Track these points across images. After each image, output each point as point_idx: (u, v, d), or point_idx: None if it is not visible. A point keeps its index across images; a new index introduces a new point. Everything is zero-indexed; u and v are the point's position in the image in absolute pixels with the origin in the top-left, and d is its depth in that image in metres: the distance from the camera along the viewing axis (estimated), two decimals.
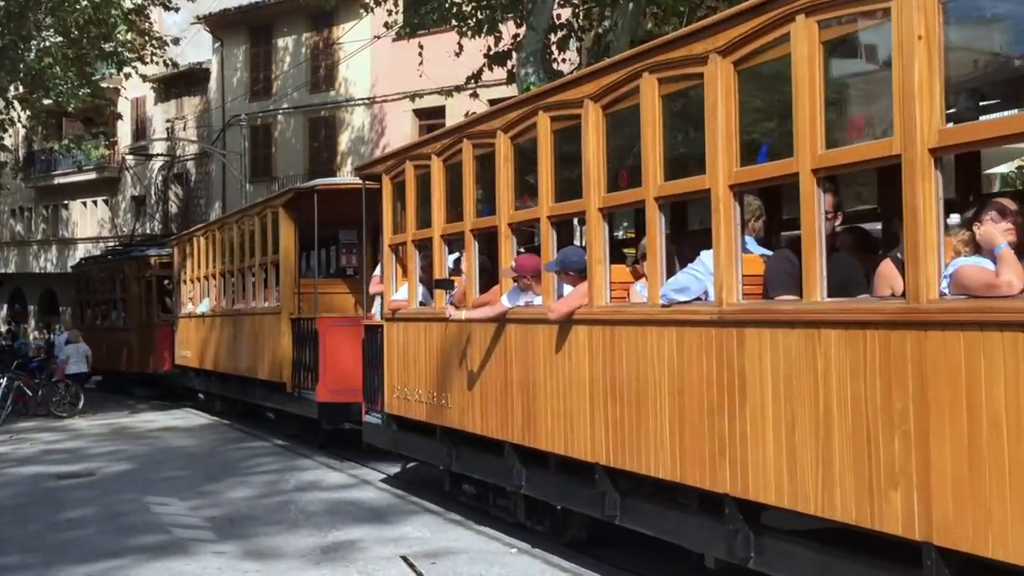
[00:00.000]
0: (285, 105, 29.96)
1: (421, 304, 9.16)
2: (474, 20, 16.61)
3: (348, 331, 11.62)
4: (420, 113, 24.77)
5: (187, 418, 18.18)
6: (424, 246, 8.95)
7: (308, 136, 29.61)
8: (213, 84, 32.57)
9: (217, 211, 29.73)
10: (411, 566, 7.08)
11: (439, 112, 22.90)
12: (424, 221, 8.91)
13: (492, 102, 21.26)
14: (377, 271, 10.29)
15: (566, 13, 16.66)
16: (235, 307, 15.80)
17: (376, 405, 10.04)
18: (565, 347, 6.71)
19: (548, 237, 7.00)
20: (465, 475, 8.51)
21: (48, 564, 7.31)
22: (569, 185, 6.82)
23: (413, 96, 19.88)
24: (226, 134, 30.88)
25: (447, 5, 16.58)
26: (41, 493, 10.49)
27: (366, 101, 27.94)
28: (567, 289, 6.87)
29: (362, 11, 19.35)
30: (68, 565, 7.27)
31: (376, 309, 10.29)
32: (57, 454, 13.53)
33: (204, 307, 17.80)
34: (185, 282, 19.50)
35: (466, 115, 17.78)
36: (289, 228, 13.48)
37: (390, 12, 17.88)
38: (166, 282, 22.27)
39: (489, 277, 8.13)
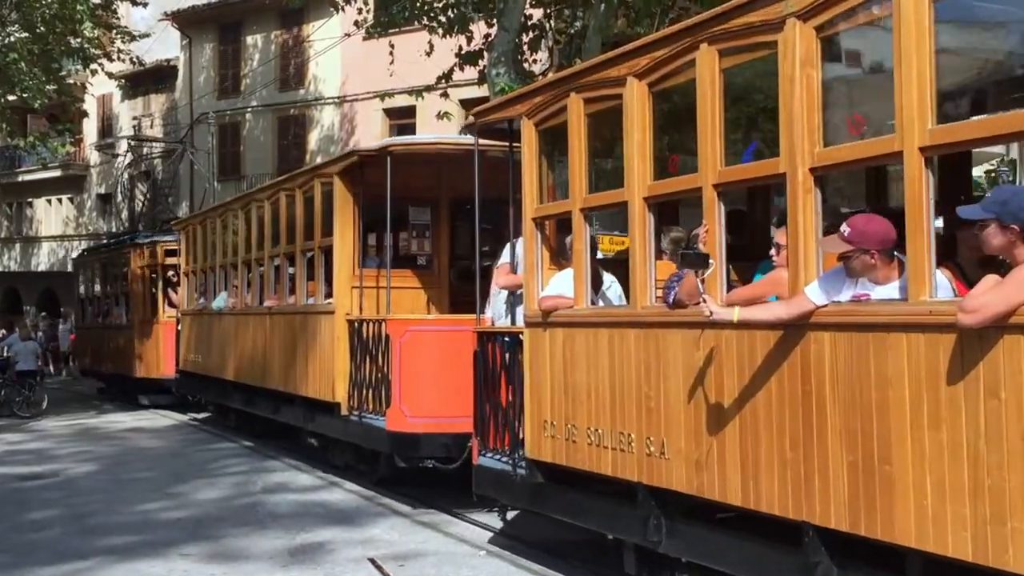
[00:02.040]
0: (254, 103, 29.89)
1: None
2: (445, 19, 16.67)
3: (436, 339, 9.28)
4: (391, 112, 24.79)
5: (154, 419, 18.07)
6: (599, 218, 7.11)
7: (277, 134, 29.56)
8: (181, 81, 32.44)
9: (185, 210, 29.56)
10: (379, 568, 7.14)
11: (410, 112, 22.94)
12: (606, 179, 6.69)
13: (463, 102, 21.42)
14: (505, 257, 7.88)
15: (538, 13, 16.74)
16: (265, 304, 12.89)
17: (499, 444, 7.45)
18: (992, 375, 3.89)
19: None
20: (688, 562, 5.72)
21: (13, 566, 7.31)
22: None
23: (383, 95, 19.89)
24: (194, 132, 30.73)
25: (418, 4, 16.63)
26: (5, 494, 10.46)
27: (336, 100, 27.92)
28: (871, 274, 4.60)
29: (332, 9, 19.34)
30: (33, 567, 7.26)
31: (498, 310, 8.03)
32: (21, 455, 13.46)
33: (220, 302, 14.90)
34: (195, 272, 16.77)
35: (437, 116, 18.07)
36: (347, 203, 10.40)
37: (360, 11, 17.90)
38: (171, 274, 19.43)
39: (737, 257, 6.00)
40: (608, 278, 6.72)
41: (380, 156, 9.71)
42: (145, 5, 24.28)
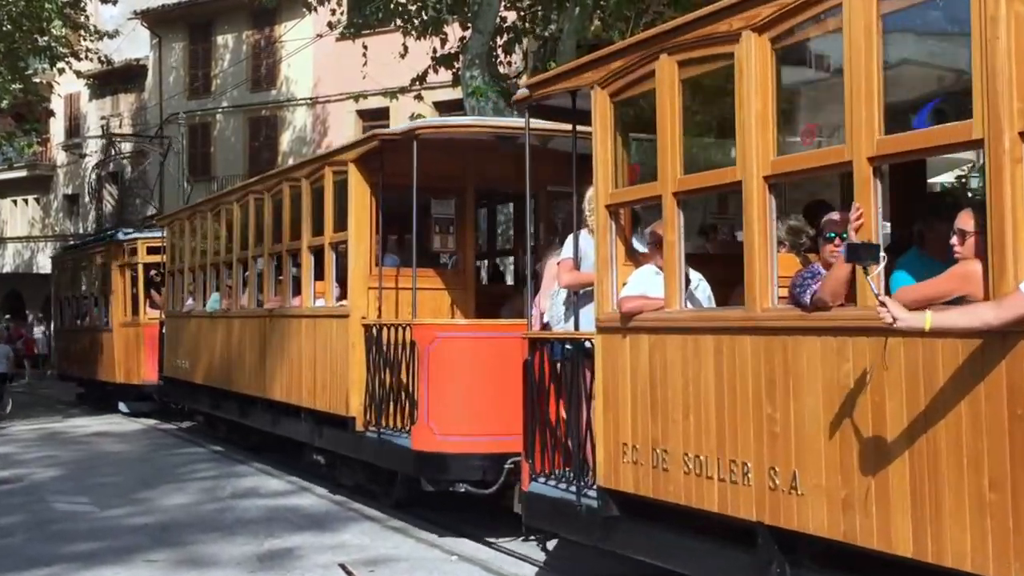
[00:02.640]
0: (225, 104, 29.69)
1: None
2: (419, 21, 16.64)
3: (471, 346, 8.19)
4: (364, 114, 24.69)
5: (121, 423, 17.89)
6: (692, 206, 6.16)
7: (248, 135, 29.36)
8: (150, 81, 32.17)
9: (153, 212, 29.34)
10: (349, 574, 7.05)
11: (383, 113, 22.83)
12: (706, 157, 6.08)
13: (437, 105, 21.41)
14: (567, 252, 6.75)
15: (512, 16, 16.74)
16: (265, 306, 11.65)
17: (556, 468, 6.50)
18: None
19: None
20: None
21: None
22: None
23: (357, 97, 19.82)
24: (163, 132, 30.52)
25: (392, 5, 16.59)
26: None
27: (308, 101, 27.78)
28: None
29: (305, 10, 19.25)
30: None
31: (556, 312, 6.98)
32: None
33: (213, 304, 13.62)
34: (181, 272, 15.46)
35: (411, 119, 17.98)
36: (364, 194, 9.25)
37: (334, 12, 17.82)
38: (154, 273, 18.22)
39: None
40: (695, 276, 5.74)
41: (404, 141, 8.61)
42: (114, 3, 24.04)
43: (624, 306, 5.68)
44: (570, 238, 6.69)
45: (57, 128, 36.47)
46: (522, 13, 16.71)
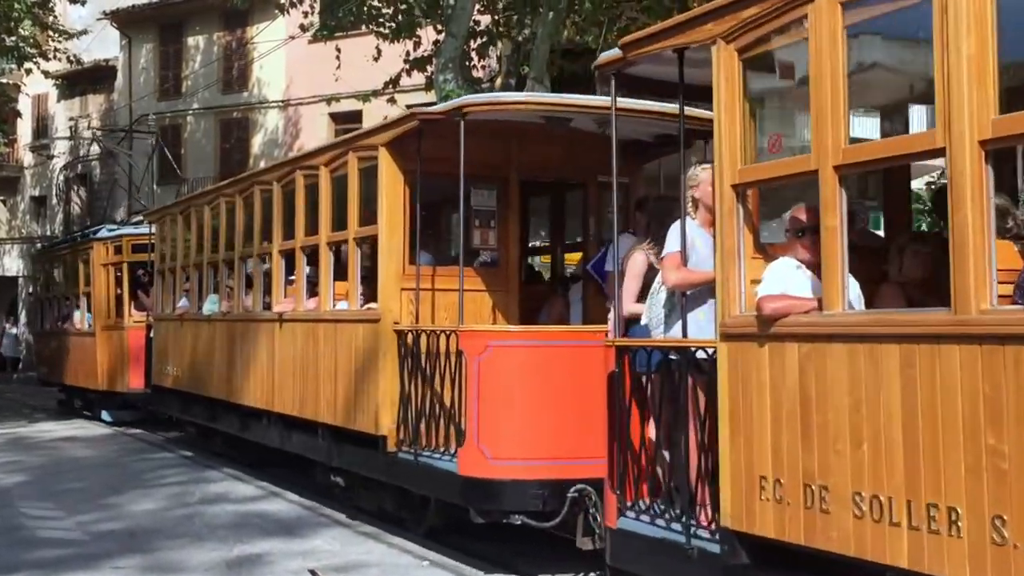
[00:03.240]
0: (195, 105, 29.53)
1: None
2: (393, 24, 16.64)
3: (529, 357, 7.07)
4: (336, 117, 24.63)
5: (87, 428, 17.64)
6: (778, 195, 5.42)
7: (219, 137, 29.22)
8: (119, 82, 31.94)
9: (122, 214, 29.12)
10: None
11: (356, 116, 22.78)
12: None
13: (410, 108, 21.35)
14: (673, 244, 5.71)
15: (486, 20, 16.78)
16: (275, 310, 10.35)
17: (651, 501, 5.49)
18: None
19: None
20: None
21: None
22: None
23: (329, 100, 19.80)
24: (133, 134, 30.32)
25: (365, 8, 16.58)
26: None
27: (280, 103, 27.69)
28: None
29: (277, 11, 19.19)
30: None
31: (656, 315, 5.95)
32: None
33: (212, 306, 12.36)
34: (172, 271, 14.19)
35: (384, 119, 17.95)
36: (397, 182, 8.10)
37: (306, 14, 17.79)
38: (141, 272, 16.86)
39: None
40: None
41: (448, 121, 7.43)
42: (83, 3, 23.86)
43: (767, 307, 4.60)
44: (674, 228, 5.69)
45: (24, 129, 36.11)
46: (496, 17, 16.75)
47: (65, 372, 19.81)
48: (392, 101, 17.52)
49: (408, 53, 16.67)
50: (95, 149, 32.77)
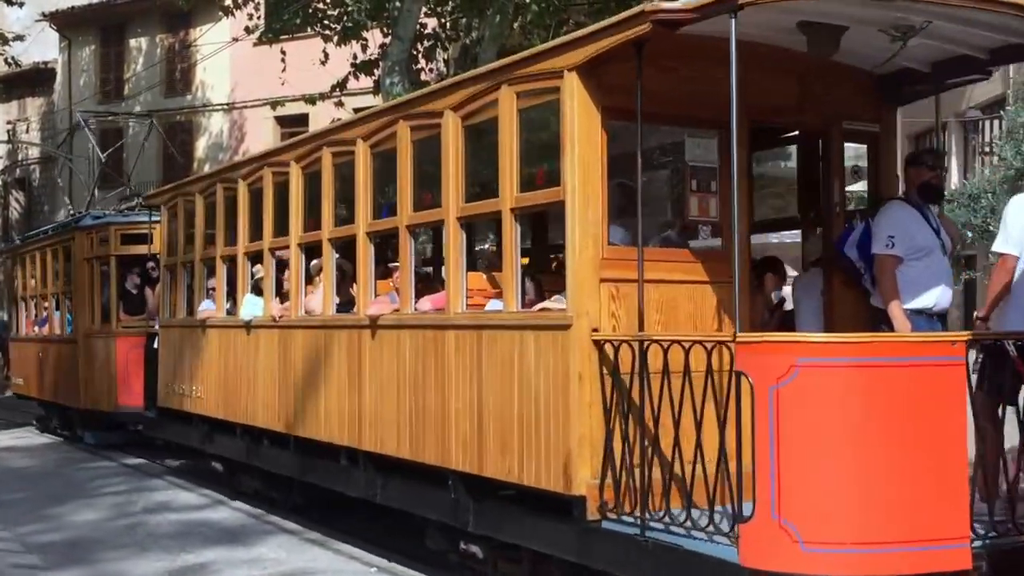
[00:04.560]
0: (137, 108, 29.21)
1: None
2: (339, 27, 16.61)
3: (865, 381, 4.58)
4: (282, 120, 24.51)
5: (27, 437, 17.37)
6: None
7: (162, 141, 28.94)
8: (59, 85, 31.51)
9: (63, 217, 28.73)
10: None
11: (302, 120, 22.70)
12: None
13: (357, 111, 21.32)
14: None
15: (433, 23, 16.81)
16: (367, 312, 7.55)
17: None
18: None
19: None
20: None
21: None
22: None
23: (274, 103, 19.69)
24: (73, 137, 29.91)
25: (310, 11, 16.53)
26: None
27: (225, 107, 27.48)
28: None
29: (221, 13, 19.06)
30: None
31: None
32: None
33: (252, 309, 9.60)
34: (186, 266, 11.35)
35: (332, 121, 17.91)
36: (593, 125, 5.65)
37: (251, 16, 17.69)
38: (150, 266, 13.85)
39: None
40: None
41: (666, 33, 5.04)
42: (21, 5, 23.50)
43: None
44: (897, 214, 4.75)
45: None
46: (442, 20, 16.79)
47: (42, 386, 17.13)
48: (340, 104, 17.48)
49: (355, 56, 16.63)
50: (34, 153, 32.27)
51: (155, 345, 12.28)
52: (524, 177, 6.11)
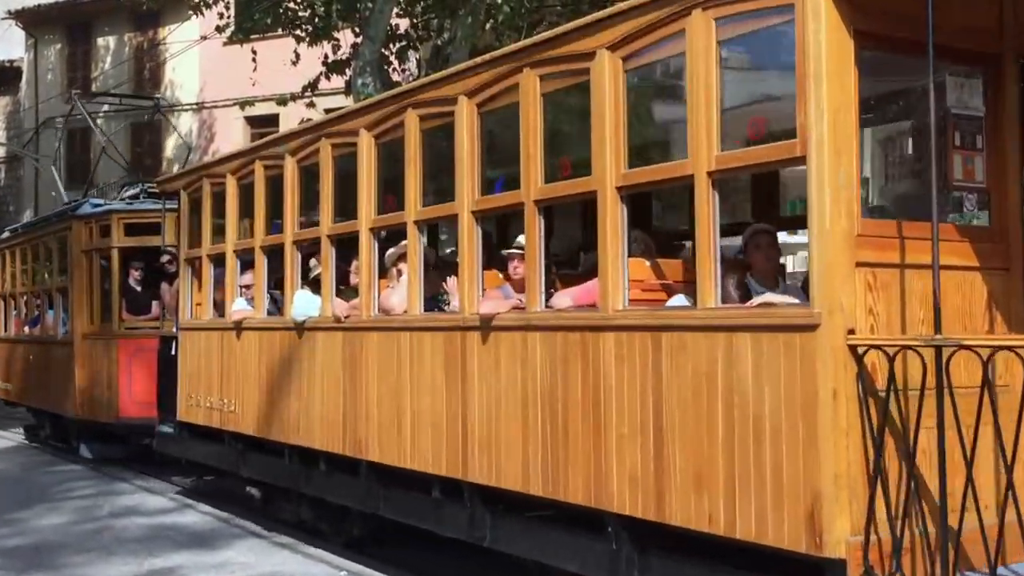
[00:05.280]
0: (105, 108, 28.96)
1: None
2: (310, 27, 16.54)
3: None
4: (252, 121, 24.38)
5: None
6: None
7: (131, 141, 28.69)
8: (25, 84, 31.22)
9: (30, 216, 28.44)
10: None
11: (273, 120, 22.58)
12: None
13: (328, 111, 21.24)
14: None
15: (405, 23, 16.78)
16: (479, 311, 6.13)
17: None
18: None
19: None
20: None
21: None
22: None
23: (244, 103, 19.57)
24: (39, 137, 29.62)
25: (281, 10, 16.46)
26: None
27: (194, 106, 27.30)
28: None
29: (191, 12, 18.93)
30: None
31: None
32: None
33: (306, 308, 8.02)
34: (214, 258, 9.73)
35: (301, 121, 17.87)
36: (846, 57, 4.26)
37: (222, 15, 17.59)
38: (166, 260, 11.66)
39: None
40: None
41: None
42: None
43: None
44: None
45: None
46: (414, 21, 16.76)
47: (32, 391, 15.66)
48: (311, 105, 17.40)
49: (327, 56, 16.58)
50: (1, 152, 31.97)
51: (172, 350, 10.54)
52: (724, 127, 4.66)
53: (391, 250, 7.10)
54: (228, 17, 17.76)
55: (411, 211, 6.73)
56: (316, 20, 16.36)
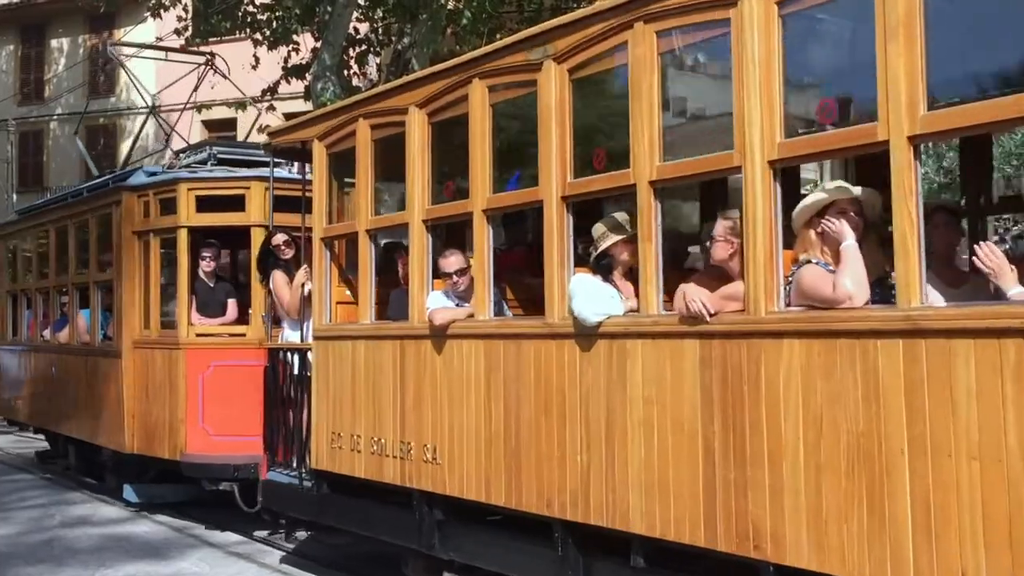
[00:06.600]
0: (59, 110, 28.62)
1: None
2: (269, 31, 16.45)
3: None
4: (210, 125, 24.18)
5: None
6: None
7: (85, 144, 28.39)
8: None
9: None
10: None
11: (230, 124, 22.42)
12: None
13: (288, 116, 21.15)
14: None
15: (365, 28, 16.73)
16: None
17: None
18: None
19: None
20: None
21: None
22: None
23: (200, 107, 19.38)
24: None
25: (240, 14, 16.36)
26: None
27: (150, 109, 27.03)
28: None
29: (148, 15, 18.77)
30: None
31: None
32: None
33: (607, 307, 4.95)
34: (386, 232, 6.95)
35: (259, 130, 17.77)
36: None
37: (180, 18, 17.45)
38: (284, 241, 8.45)
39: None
40: None
41: None
42: None
43: None
44: None
45: None
46: (374, 25, 16.72)
47: (53, 413, 12.56)
48: (271, 108, 17.30)
49: (286, 60, 16.50)
50: None
51: (295, 368, 7.67)
52: None
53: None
54: (186, 20, 17.61)
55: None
56: (275, 25, 16.28)
